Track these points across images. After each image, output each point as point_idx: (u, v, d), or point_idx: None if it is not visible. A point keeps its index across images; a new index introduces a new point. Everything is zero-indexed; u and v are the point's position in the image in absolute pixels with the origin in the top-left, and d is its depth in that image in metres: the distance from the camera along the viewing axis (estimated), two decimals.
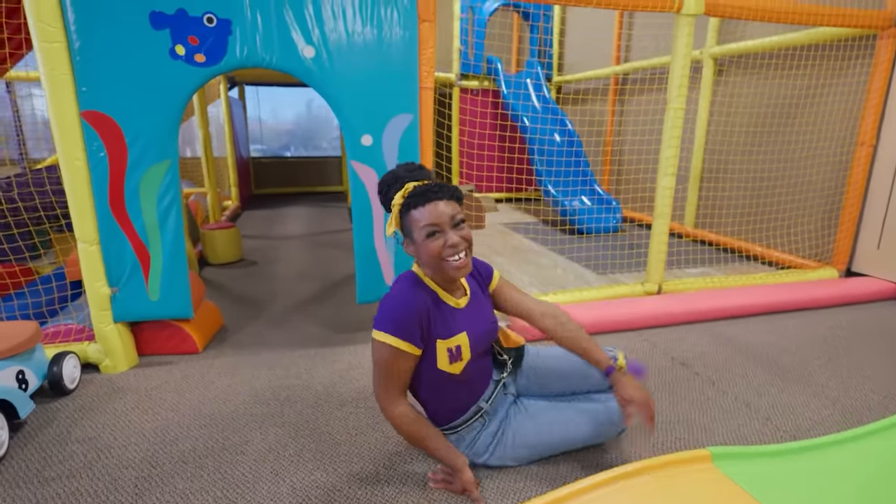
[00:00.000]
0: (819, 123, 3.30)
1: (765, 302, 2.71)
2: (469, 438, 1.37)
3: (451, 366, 1.25)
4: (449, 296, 1.29)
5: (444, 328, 1.24)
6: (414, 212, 1.18)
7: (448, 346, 1.24)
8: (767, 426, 1.67)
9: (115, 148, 1.85)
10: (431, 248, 1.18)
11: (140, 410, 1.75)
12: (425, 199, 1.17)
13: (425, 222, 1.17)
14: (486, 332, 1.36)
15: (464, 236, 1.20)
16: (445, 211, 1.17)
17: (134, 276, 1.99)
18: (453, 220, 1.18)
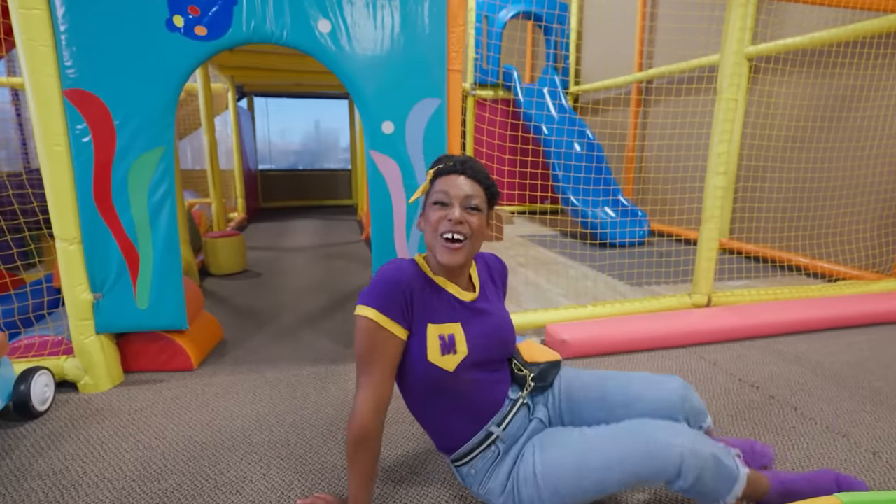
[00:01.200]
0: (871, 123, 3.03)
1: (828, 316, 2.41)
2: (482, 470, 1.09)
3: (443, 358, 1.03)
4: (451, 283, 1.11)
5: (437, 312, 1.07)
6: (439, 180, 1.08)
7: (440, 331, 1.05)
8: (877, 463, 1.37)
9: (101, 132, 1.62)
10: (432, 216, 1.05)
11: (119, 438, 1.47)
12: (452, 169, 1.07)
13: (442, 187, 1.06)
14: (493, 331, 1.13)
15: (471, 221, 1.04)
16: (463, 186, 1.05)
17: (120, 280, 1.73)
18: (467, 200, 1.05)
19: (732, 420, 1.58)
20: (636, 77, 4.96)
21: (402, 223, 1.89)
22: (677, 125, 4.43)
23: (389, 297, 1.00)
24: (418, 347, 1.04)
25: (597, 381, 1.19)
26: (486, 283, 1.20)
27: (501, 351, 1.16)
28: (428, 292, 1.07)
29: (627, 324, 2.21)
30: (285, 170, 7.77)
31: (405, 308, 1.02)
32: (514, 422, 1.11)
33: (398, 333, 1.02)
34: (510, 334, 1.18)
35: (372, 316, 0.99)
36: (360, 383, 1.02)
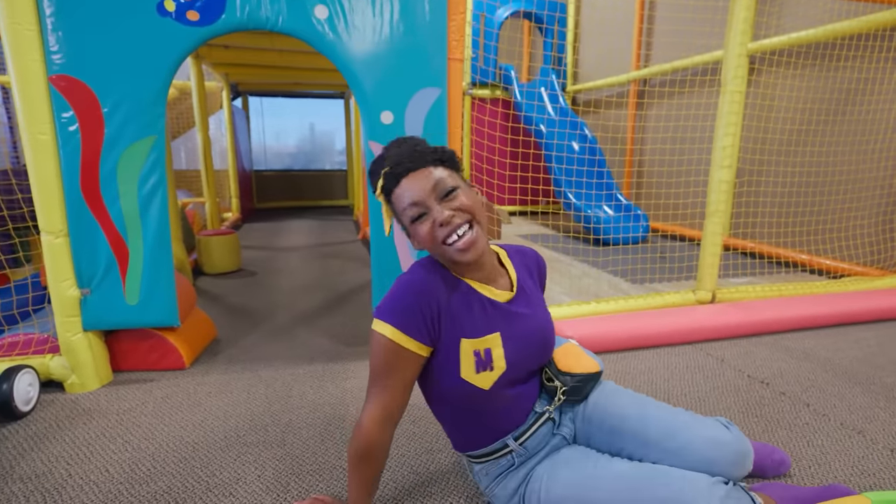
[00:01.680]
0: (873, 117, 3.01)
1: (835, 312, 2.37)
2: (493, 475, 1.02)
3: (479, 376, 0.92)
4: (484, 286, 0.97)
5: (470, 324, 0.93)
6: (394, 197, 0.91)
7: (476, 346, 0.92)
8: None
9: (89, 120, 1.56)
10: (421, 234, 0.89)
11: (107, 439, 1.40)
12: (397, 175, 0.89)
13: (404, 203, 0.89)
14: (535, 338, 1.00)
15: (457, 207, 0.88)
16: (423, 183, 0.87)
17: (109, 275, 1.67)
18: (438, 191, 0.88)
19: (744, 417, 1.53)
20: (634, 76, 4.93)
21: None
22: (676, 124, 4.40)
23: (411, 312, 0.88)
24: (448, 363, 0.92)
25: (637, 410, 1.02)
26: (523, 277, 1.05)
27: (540, 359, 1.03)
28: (458, 299, 0.93)
29: (632, 320, 2.16)
30: (280, 170, 7.69)
31: (430, 324, 0.90)
32: (534, 436, 1.01)
33: (420, 351, 0.91)
34: (551, 338, 1.04)
35: (390, 335, 0.88)
36: (371, 395, 0.93)
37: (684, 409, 1.04)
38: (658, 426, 0.97)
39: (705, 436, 0.93)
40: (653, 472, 0.88)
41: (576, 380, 1.03)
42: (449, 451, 1.34)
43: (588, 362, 1.06)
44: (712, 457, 0.91)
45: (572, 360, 1.06)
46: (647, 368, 1.89)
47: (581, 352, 1.09)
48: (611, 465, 0.92)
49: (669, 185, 4.52)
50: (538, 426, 1.01)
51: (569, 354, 1.08)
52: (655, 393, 1.69)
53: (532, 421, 1.01)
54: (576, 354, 1.08)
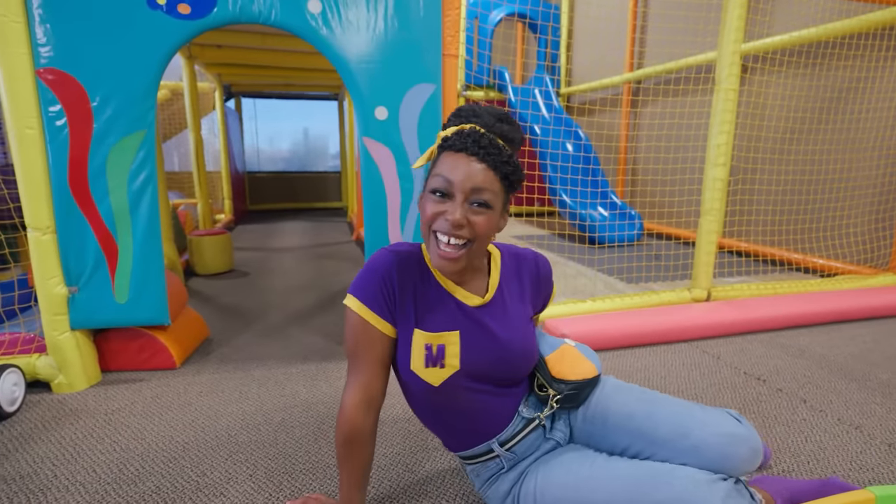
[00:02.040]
0: (864, 116, 3.03)
1: (829, 310, 2.37)
2: (484, 477, 0.99)
3: (427, 371, 0.87)
4: (454, 285, 0.92)
5: (428, 316, 0.89)
6: (445, 154, 0.85)
7: (428, 340, 0.88)
8: (894, 454, 1.32)
9: (77, 115, 1.53)
10: (427, 206, 0.84)
11: (94, 439, 1.37)
12: (463, 145, 0.82)
13: (440, 169, 0.84)
14: (497, 355, 0.92)
15: (473, 223, 0.82)
16: (471, 175, 0.81)
17: (97, 272, 1.63)
18: (475, 194, 0.81)
19: (741, 413, 1.51)
20: (627, 77, 4.95)
21: (397, 212, 1.81)
22: (671, 121, 4.42)
23: (373, 288, 0.88)
24: (402, 350, 0.90)
25: (644, 407, 0.95)
26: (508, 284, 0.98)
27: (510, 375, 0.95)
28: (422, 288, 0.90)
29: (628, 318, 2.15)
30: (273, 172, 7.65)
31: (389, 302, 0.89)
32: (523, 443, 0.96)
33: (384, 330, 0.89)
34: (523, 359, 0.95)
35: (355, 308, 0.88)
36: (349, 378, 0.91)
37: (692, 402, 0.98)
38: (669, 424, 0.90)
39: (720, 432, 0.87)
40: (652, 472, 0.83)
41: (571, 387, 0.96)
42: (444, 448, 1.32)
43: (584, 367, 0.99)
44: (727, 453, 0.86)
45: (567, 366, 0.99)
46: (643, 366, 1.88)
47: (577, 355, 1.02)
48: (608, 465, 0.88)
49: (664, 185, 4.53)
50: (527, 432, 0.96)
51: (564, 359, 1.00)
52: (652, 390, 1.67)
53: (520, 427, 0.96)
54: (571, 359, 1.00)
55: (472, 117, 0.86)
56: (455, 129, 0.85)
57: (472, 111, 0.87)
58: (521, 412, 0.96)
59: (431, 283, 0.91)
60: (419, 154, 1.81)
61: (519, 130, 0.88)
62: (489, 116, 0.86)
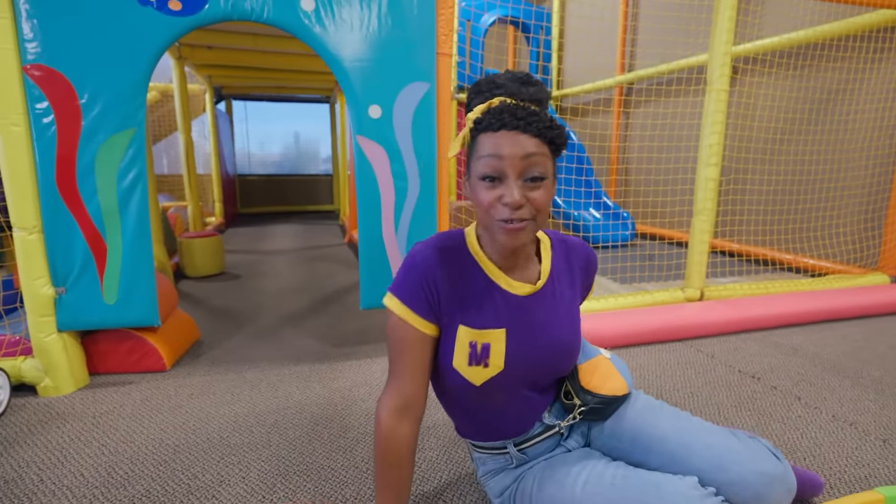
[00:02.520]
0: (852, 117, 3.07)
1: (821, 308, 2.39)
2: (489, 467, 0.98)
3: (470, 369, 0.84)
4: (501, 274, 0.86)
5: (473, 311, 0.84)
6: (482, 136, 0.78)
7: (473, 337, 0.84)
8: (889, 450, 1.32)
9: (65, 112, 1.50)
10: (481, 197, 0.78)
11: (82, 443, 1.34)
12: (500, 122, 0.76)
13: (485, 152, 0.77)
14: (547, 348, 0.88)
15: (534, 199, 0.77)
16: (517, 149, 0.75)
17: (85, 273, 1.60)
18: (528, 170, 0.76)
19: (737, 410, 1.52)
20: (618, 80, 4.98)
21: (391, 211, 1.80)
22: (663, 122, 4.45)
23: (415, 286, 0.83)
24: (445, 346, 0.85)
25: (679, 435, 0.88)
26: (559, 272, 0.92)
27: (552, 372, 0.92)
28: (466, 281, 0.85)
29: (622, 318, 2.15)
30: (265, 175, 7.60)
31: (432, 301, 0.83)
32: (537, 447, 0.94)
33: (426, 330, 0.84)
34: (568, 355, 0.91)
35: (395, 309, 0.83)
36: (387, 382, 0.86)
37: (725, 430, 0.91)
38: (705, 456, 0.85)
39: (758, 470, 0.83)
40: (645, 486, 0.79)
41: (598, 401, 0.92)
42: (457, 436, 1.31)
43: (616, 383, 0.95)
44: (763, 493, 0.82)
45: (599, 379, 0.94)
46: (638, 365, 1.88)
47: (611, 368, 0.97)
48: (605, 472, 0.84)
49: (656, 186, 4.55)
50: (543, 438, 0.93)
51: (597, 371, 0.96)
52: (648, 388, 1.67)
53: (538, 431, 0.93)
54: (605, 372, 0.96)
55: (495, 89, 0.80)
56: (483, 106, 0.79)
57: (493, 83, 0.81)
58: (543, 417, 0.94)
59: (477, 273, 0.86)
60: (414, 153, 1.80)
61: (545, 89, 0.82)
62: (513, 83, 0.80)
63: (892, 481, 1.19)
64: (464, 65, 5.75)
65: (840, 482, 1.18)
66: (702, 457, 0.85)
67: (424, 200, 1.84)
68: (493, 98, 0.79)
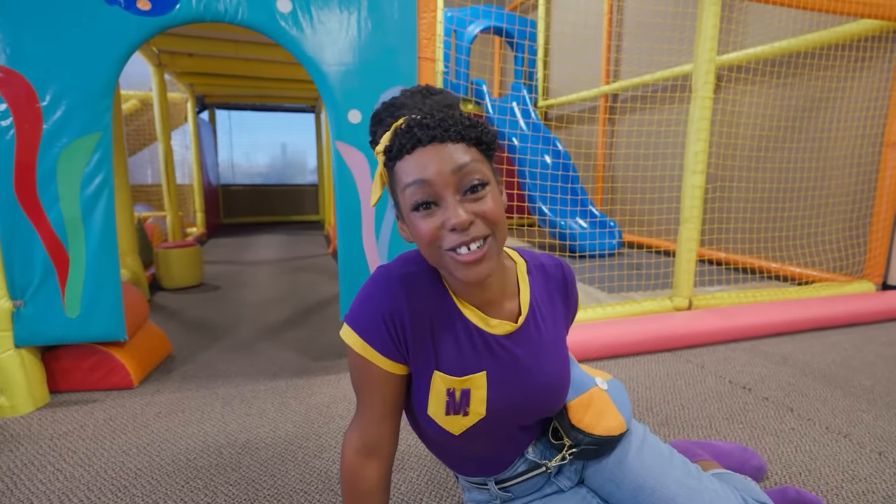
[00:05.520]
0: (835, 125, 3.09)
1: (809, 317, 2.37)
2: (474, 496, 0.89)
3: (448, 419, 0.73)
4: (476, 312, 0.73)
5: (449, 355, 0.72)
6: (399, 164, 0.65)
7: (449, 385, 0.72)
8: (885, 463, 1.28)
9: (25, 115, 1.42)
10: (422, 230, 0.65)
11: (35, 468, 1.24)
12: (412, 139, 0.63)
13: (410, 180, 0.64)
14: (534, 391, 0.77)
15: (481, 212, 0.64)
16: (445, 163, 0.63)
17: (46, 284, 1.51)
18: (462, 181, 0.63)
19: (729, 423, 1.48)
20: (603, 90, 5.00)
21: (371, 219, 1.74)
22: (649, 129, 4.46)
23: (375, 323, 0.70)
24: (418, 391, 0.74)
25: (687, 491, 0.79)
26: (540, 302, 0.80)
27: (538, 414, 0.81)
28: (439, 318, 0.72)
29: (610, 328, 2.10)
30: (248, 185, 7.50)
31: (396, 340, 0.71)
32: (522, 485, 0.84)
33: (392, 370, 0.72)
34: (557, 395, 0.80)
35: (354, 345, 0.70)
36: (354, 418, 0.76)
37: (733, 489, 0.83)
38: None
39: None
40: None
41: (591, 441, 0.82)
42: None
43: (612, 421, 0.84)
44: None
45: (592, 416, 0.83)
46: (627, 377, 1.83)
47: (607, 404, 0.86)
48: None
49: (642, 194, 4.55)
50: (528, 476, 0.83)
51: (591, 406, 0.84)
52: (638, 402, 1.62)
53: (521, 469, 0.83)
54: (599, 408, 0.85)
55: (396, 111, 0.69)
56: (388, 134, 0.68)
57: (392, 105, 0.70)
58: (527, 453, 0.83)
59: (451, 310, 0.73)
60: None
61: (451, 94, 0.72)
62: (413, 98, 0.69)
63: (889, 496, 1.14)
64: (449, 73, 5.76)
65: (837, 498, 1.14)
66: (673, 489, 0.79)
67: None
68: (396, 121, 0.68)
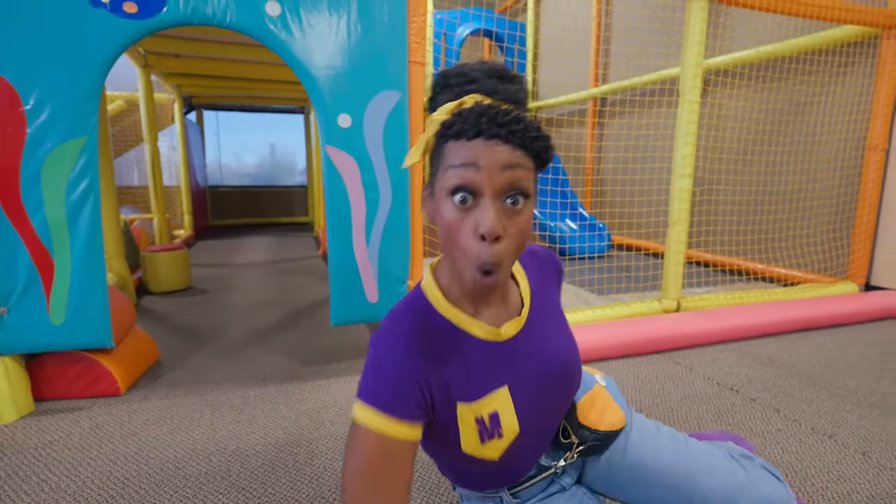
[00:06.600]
0: (819, 129, 3.14)
1: (795, 318, 2.40)
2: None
3: (484, 447, 0.68)
4: (479, 323, 0.69)
5: (465, 380, 0.67)
6: (452, 144, 0.60)
7: (477, 411, 0.67)
8: (868, 463, 1.30)
9: (7, 119, 1.40)
10: (449, 220, 0.60)
11: (19, 478, 1.22)
12: (477, 128, 0.58)
13: (454, 162, 0.59)
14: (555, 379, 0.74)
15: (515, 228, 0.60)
16: (497, 162, 0.58)
17: (30, 291, 1.49)
18: (506, 184, 0.59)
19: (717, 425, 1.49)
20: (592, 92, 5.03)
21: (361, 224, 1.73)
22: (638, 132, 4.50)
23: (392, 386, 0.63)
24: (447, 434, 0.68)
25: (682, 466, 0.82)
26: (539, 291, 0.78)
27: (565, 402, 0.78)
28: (447, 349, 0.67)
29: (599, 330, 2.12)
30: (237, 186, 7.43)
31: (424, 401, 0.65)
32: (531, 489, 0.83)
33: (412, 435, 0.63)
34: (575, 375, 0.77)
35: (372, 423, 0.61)
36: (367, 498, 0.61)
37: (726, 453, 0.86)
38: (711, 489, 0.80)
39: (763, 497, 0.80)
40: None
41: (597, 437, 0.82)
42: None
43: (614, 415, 0.84)
44: None
45: (596, 413, 0.83)
46: (617, 379, 1.84)
47: (608, 400, 0.86)
48: None
49: (631, 197, 4.59)
50: (539, 479, 0.82)
51: (595, 403, 0.85)
52: (628, 404, 1.63)
53: (533, 473, 0.82)
54: (602, 404, 0.85)
55: (467, 84, 0.62)
56: (452, 105, 0.61)
57: (465, 76, 0.63)
58: (541, 459, 0.82)
59: (460, 336, 0.68)
60: (385, 163, 1.74)
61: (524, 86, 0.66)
62: (490, 79, 0.63)
63: (872, 496, 1.17)
64: None
65: (823, 499, 1.15)
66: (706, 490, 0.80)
67: (397, 212, 1.78)
68: (464, 95, 0.62)
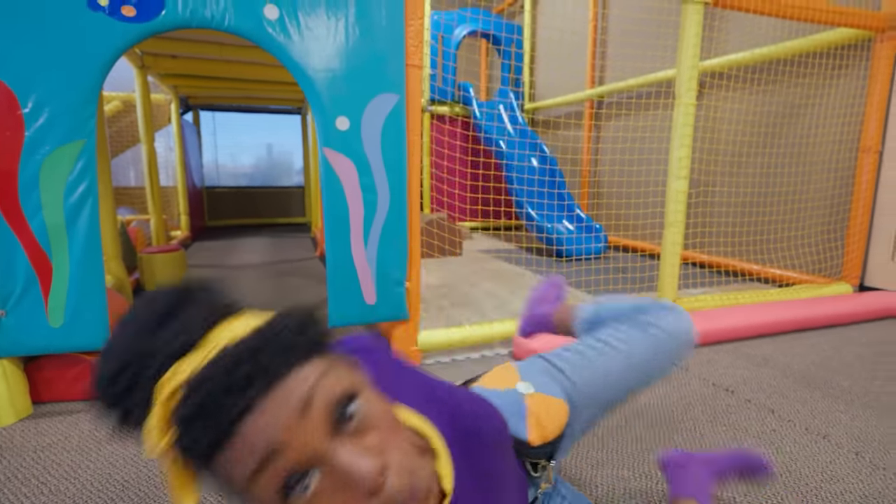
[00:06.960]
0: (814, 131, 3.16)
1: (789, 318, 2.42)
2: None
3: None
4: None
5: None
6: (221, 454, 0.39)
7: None
8: (861, 463, 1.32)
9: (6, 122, 1.40)
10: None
11: (18, 481, 1.22)
12: (228, 422, 0.38)
13: (251, 464, 0.39)
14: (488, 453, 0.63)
15: (376, 445, 0.43)
16: (276, 419, 0.39)
17: (28, 293, 1.49)
18: (329, 413, 0.41)
19: (713, 426, 1.51)
20: (589, 94, 5.05)
21: (360, 226, 1.74)
22: (634, 134, 4.52)
23: None
24: None
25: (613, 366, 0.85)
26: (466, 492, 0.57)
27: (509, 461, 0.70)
28: None
29: None
30: (234, 187, 7.42)
31: None
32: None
33: None
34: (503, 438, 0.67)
35: None
36: None
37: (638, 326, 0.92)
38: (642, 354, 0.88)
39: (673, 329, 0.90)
40: None
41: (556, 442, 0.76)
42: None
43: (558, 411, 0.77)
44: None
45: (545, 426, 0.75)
46: None
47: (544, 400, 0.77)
48: None
49: (627, 198, 4.61)
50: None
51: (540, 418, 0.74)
52: (624, 406, 1.64)
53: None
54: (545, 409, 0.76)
55: (148, 364, 0.42)
56: (163, 409, 0.40)
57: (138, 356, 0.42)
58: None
59: None
60: (383, 166, 1.75)
61: (203, 302, 0.46)
62: (150, 338, 0.42)
63: (865, 496, 1.18)
64: (436, 77, 5.78)
65: (817, 499, 1.17)
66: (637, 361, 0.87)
67: (395, 214, 1.79)
68: (148, 395, 0.41)
